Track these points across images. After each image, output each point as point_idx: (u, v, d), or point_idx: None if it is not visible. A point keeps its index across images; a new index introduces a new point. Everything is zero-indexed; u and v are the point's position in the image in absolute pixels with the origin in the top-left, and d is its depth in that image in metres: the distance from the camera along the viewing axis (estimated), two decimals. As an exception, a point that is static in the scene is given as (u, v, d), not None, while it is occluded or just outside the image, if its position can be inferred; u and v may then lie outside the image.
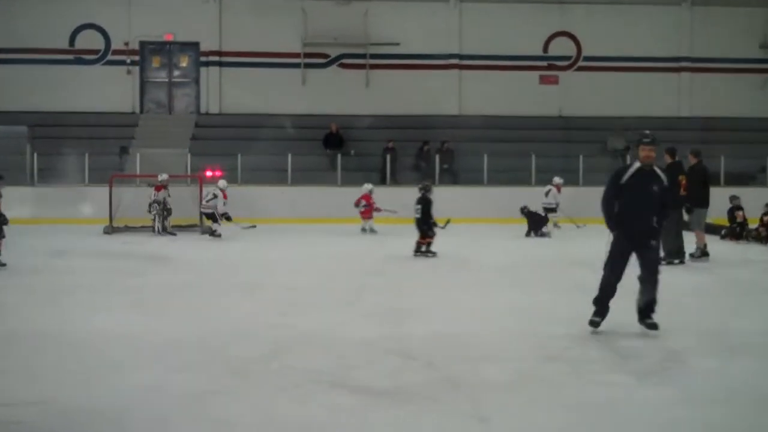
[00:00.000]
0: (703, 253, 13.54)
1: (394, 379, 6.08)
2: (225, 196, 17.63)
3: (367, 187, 18.98)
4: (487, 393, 5.76)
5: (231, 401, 5.55)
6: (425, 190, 14.27)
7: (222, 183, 18.01)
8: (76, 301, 9.47)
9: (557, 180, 19.61)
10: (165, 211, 18.02)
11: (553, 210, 18.96)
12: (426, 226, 14.00)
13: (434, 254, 13.90)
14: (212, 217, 17.56)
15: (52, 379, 6.09)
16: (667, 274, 8.39)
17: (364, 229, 18.64)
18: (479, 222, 19.99)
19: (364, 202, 18.81)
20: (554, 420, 5.20)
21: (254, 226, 18.00)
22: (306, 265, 13.13)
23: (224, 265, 13.10)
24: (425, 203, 14.11)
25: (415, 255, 13.90)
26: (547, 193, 19.25)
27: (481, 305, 9.42)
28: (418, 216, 14.06)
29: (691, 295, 10.22)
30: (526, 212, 17.80)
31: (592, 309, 7.74)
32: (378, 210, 18.62)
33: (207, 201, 17.69)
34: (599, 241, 8.01)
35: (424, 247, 13.97)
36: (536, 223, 17.75)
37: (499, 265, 13.19)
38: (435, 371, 6.36)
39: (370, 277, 11.63)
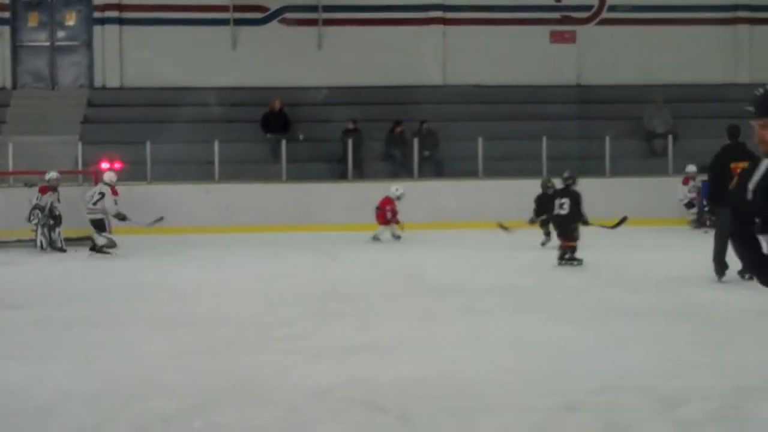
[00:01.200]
0: None
1: (359, 440, 6.04)
2: (115, 193, 17.70)
3: (395, 192, 18.99)
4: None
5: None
6: (571, 182, 15.34)
7: (109, 176, 18.10)
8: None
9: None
10: (52, 219, 17.91)
11: None
12: (573, 226, 14.92)
13: (580, 262, 14.72)
14: (101, 225, 17.41)
15: None
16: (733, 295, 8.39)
17: (375, 238, 18.71)
18: (472, 227, 20.00)
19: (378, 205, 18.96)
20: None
21: (161, 218, 17.99)
22: (241, 290, 13.07)
23: (130, 292, 13.00)
24: (574, 198, 15.04)
25: (560, 264, 14.72)
26: None
27: (473, 338, 9.39)
28: (564, 213, 14.99)
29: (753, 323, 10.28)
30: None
31: (630, 342, 7.73)
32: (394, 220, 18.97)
33: (93, 204, 17.56)
34: (636, 250, 8.00)
35: (569, 252, 14.73)
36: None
37: (499, 285, 13.18)
38: (412, 428, 6.32)
39: (326, 302, 11.60)
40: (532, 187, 19.95)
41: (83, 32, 26.05)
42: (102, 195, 17.53)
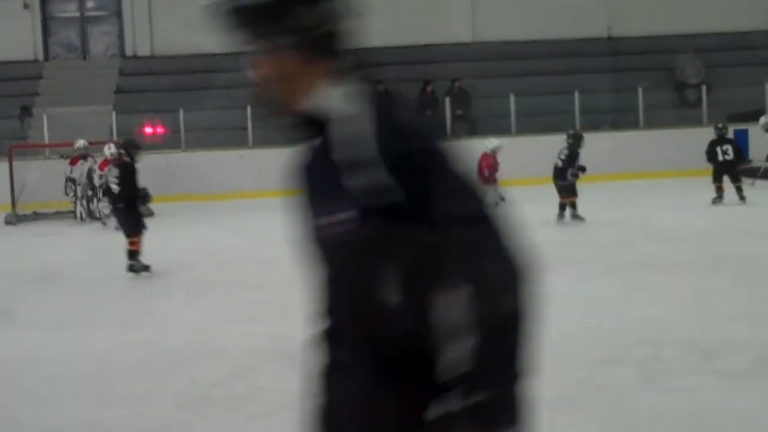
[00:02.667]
0: None
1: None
2: (103, 167, 17.15)
3: (487, 145, 18.08)
4: (530, 411, 5.76)
5: (187, 440, 5.57)
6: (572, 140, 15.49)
7: (107, 149, 17.32)
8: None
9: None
10: (91, 189, 17.96)
11: None
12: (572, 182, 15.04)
13: (582, 219, 14.76)
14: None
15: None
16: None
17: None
18: (505, 184, 19.95)
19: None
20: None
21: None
22: (277, 253, 13.08)
23: (169, 259, 13.09)
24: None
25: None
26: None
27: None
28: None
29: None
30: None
31: (666, 296, 7.74)
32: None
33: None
34: (669, 203, 7.98)
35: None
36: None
37: (534, 241, 13.17)
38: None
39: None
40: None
41: (113, 2, 26.08)
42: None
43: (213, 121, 22.46)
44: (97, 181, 17.83)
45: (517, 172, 17.86)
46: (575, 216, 14.49)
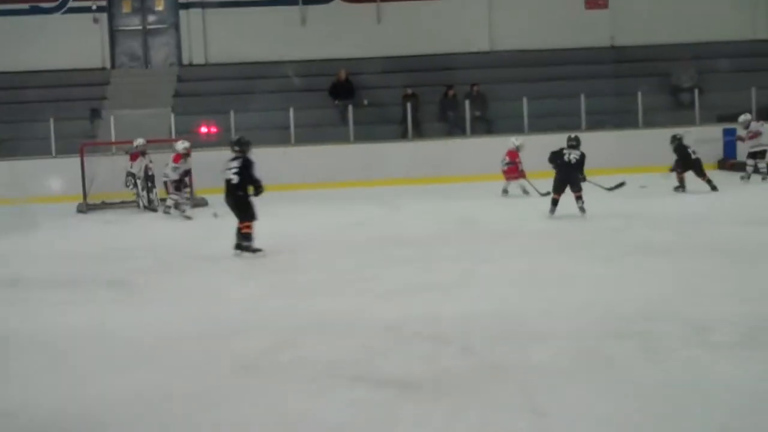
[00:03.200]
0: None
1: (425, 369, 6.08)
2: (176, 160, 17.08)
3: (514, 142, 18.22)
4: (540, 380, 5.75)
5: (238, 402, 5.57)
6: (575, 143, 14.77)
7: (179, 144, 17.46)
8: (49, 296, 9.49)
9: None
10: (148, 181, 18.03)
11: None
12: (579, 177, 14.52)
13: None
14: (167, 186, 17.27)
15: (22, 389, 6.12)
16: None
17: (505, 191, 17.86)
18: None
19: (507, 159, 18.27)
20: (625, 408, 5.18)
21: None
22: (316, 239, 13.13)
23: (220, 244, 13.11)
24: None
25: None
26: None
27: (525, 276, 9.41)
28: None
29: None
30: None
31: (662, 276, 7.70)
32: (522, 175, 17.85)
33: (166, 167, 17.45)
34: (664, 193, 7.93)
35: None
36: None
37: (546, 228, 13.15)
38: (474, 357, 6.36)
39: (392, 248, 11.63)
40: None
41: (171, 16, 26.11)
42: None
43: (259, 122, 22.45)
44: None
45: (528, 168, 17.76)
46: (582, 208, 14.30)
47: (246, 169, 11.54)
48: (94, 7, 25.60)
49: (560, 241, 11.86)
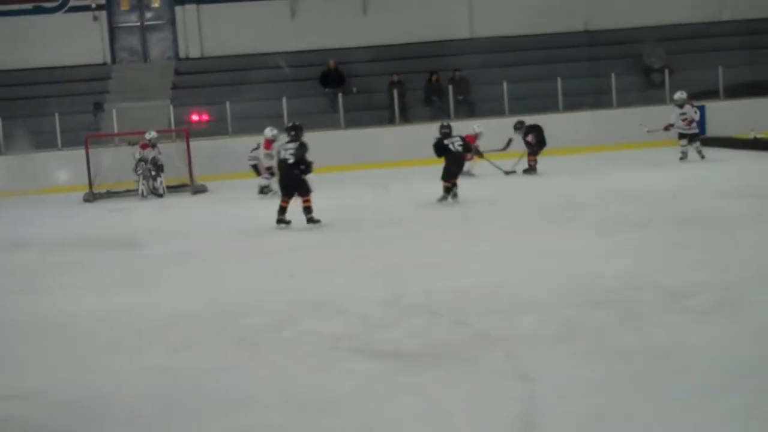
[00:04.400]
0: None
1: (420, 340, 6.11)
2: (268, 146, 16.47)
3: (475, 128, 18.13)
4: (526, 348, 5.78)
5: (243, 377, 5.59)
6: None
7: (268, 131, 16.92)
8: (59, 282, 9.48)
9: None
10: (155, 169, 18.08)
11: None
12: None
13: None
14: (255, 169, 17.47)
15: (40, 370, 6.13)
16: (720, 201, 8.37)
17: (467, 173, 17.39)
18: (503, 158, 19.87)
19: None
20: (606, 372, 5.21)
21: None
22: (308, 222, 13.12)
23: (219, 229, 13.12)
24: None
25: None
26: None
27: (510, 251, 9.44)
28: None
29: (745, 225, 10.22)
30: None
31: (639, 247, 7.74)
32: (479, 155, 17.73)
33: (251, 151, 17.63)
34: (635, 169, 7.95)
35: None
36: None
37: (529, 206, 13.18)
38: (465, 328, 6.39)
39: (384, 228, 11.66)
40: (550, 120, 19.79)
41: (167, 12, 26.01)
42: (258, 146, 17.34)
43: (254, 111, 22.39)
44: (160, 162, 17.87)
45: (510, 147, 17.82)
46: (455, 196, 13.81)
47: (302, 151, 12.03)
48: (93, 6, 25.49)
49: (543, 217, 11.89)
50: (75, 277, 9.61)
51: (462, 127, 20.16)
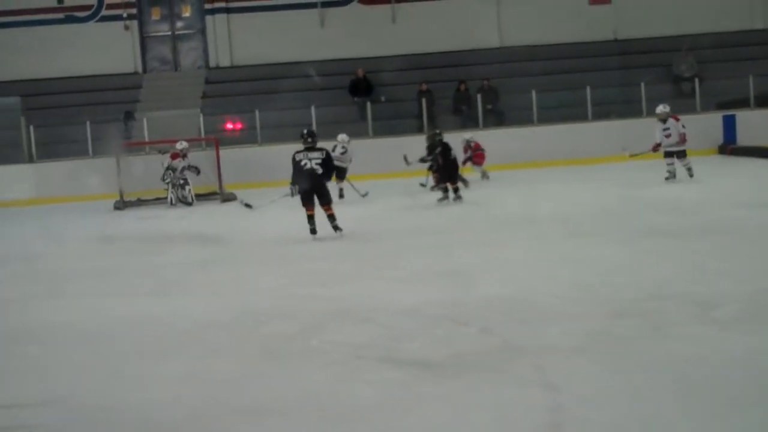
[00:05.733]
0: None
1: (445, 349, 6.09)
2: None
3: (464, 136, 19.18)
4: (552, 358, 5.76)
5: (269, 385, 5.60)
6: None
7: (341, 137, 18.13)
8: (88, 288, 9.56)
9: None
10: (182, 179, 18.23)
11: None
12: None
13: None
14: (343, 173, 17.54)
15: (67, 376, 6.16)
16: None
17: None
18: (530, 167, 19.89)
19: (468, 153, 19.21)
20: (632, 382, 5.18)
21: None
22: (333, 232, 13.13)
23: (247, 237, 13.18)
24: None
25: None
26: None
27: (536, 260, 9.41)
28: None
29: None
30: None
31: (666, 257, 7.69)
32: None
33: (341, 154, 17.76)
34: (672, 182, 7.89)
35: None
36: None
37: (554, 214, 13.14)
38: (491, 337, 6.37)
39: (411, 237, 11.65)
40: (579, 129, 19.78)
41: (197, 21, 26.22)
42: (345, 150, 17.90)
43: (283, 120, 22.51)
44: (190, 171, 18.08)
45: (538, 156, 17.78)
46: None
47: (329, 160, 12.03)
48: (125, 15, 25.71)
49: (569, 226, 11.85)
50: (103, 284, 9.68)
51: (490, 136, 20.19)
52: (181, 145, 18.51)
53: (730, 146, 21.41)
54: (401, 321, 6.98)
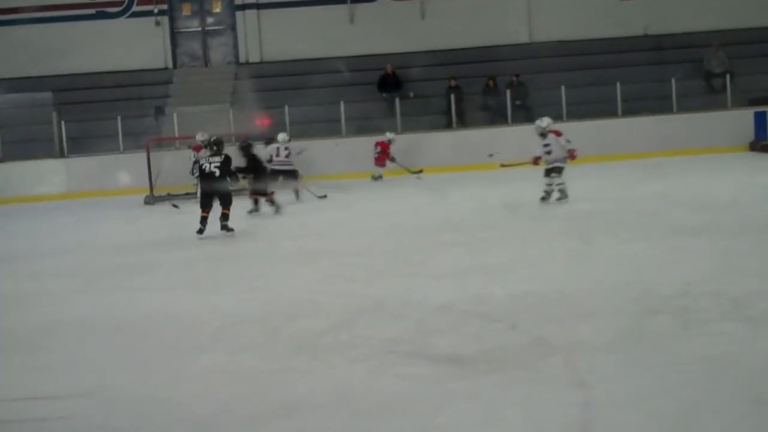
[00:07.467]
0: None
1: (476, 345, 6.11)
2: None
3: (387, 135, 20.60)
4: (583, 355, 5.76)
5: (301, 379, 5.65)
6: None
7: (281, 137, 18.35)
8: (121, 283, 9.65)
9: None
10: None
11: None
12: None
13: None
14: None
15: (101, 369, 6.24)
16: None
17: (375, 177, 20.18)
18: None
19: (378, 149, 20.38)
20: (664, 380, 5.18)
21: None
22: (369, 225, 13.18)
23: (278, 232, 13.23)
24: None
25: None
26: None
27: (567, 257, 9.39)
28: None
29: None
30: None
31: (698, 255, 7.66)
32: (392, 160, 20.29)
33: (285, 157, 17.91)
34: (698, 175, 7.86)
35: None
36: None
37: (586, 211, 13.09)
38: (522, 334, 6.38)
39: (441, 233, 11.65)
40: (608, 125, 19.67)
41: (228, 17, 26.28)
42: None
43: (312, 115, 22.53)
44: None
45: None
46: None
47: (227, 163, 12.81)
48: (155, 11, 25.84)
49: (600, 223, 11.80)
50: (135, 279, 9.76)
51: (519, 132, 20.13)
52: (202, 137, 18.49)
53: (761, 143, 21.22)
54: (432, 317, 7.00)
